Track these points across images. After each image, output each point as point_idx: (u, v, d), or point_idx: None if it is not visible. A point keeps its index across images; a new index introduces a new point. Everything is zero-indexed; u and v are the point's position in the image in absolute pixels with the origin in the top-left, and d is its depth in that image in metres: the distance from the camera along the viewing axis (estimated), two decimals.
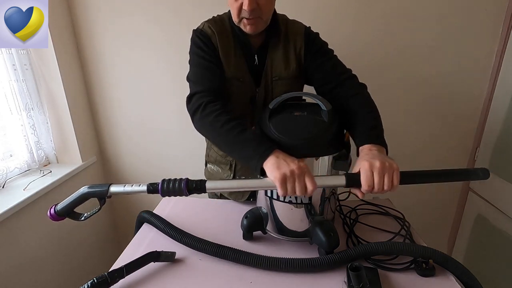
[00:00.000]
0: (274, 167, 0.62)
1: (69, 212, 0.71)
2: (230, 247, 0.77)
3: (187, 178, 0.66)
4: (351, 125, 0.78)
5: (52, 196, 1.33)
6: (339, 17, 1.36)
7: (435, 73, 1.43)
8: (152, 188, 0.66)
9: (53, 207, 0.72)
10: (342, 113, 0.81)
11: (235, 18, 0.85)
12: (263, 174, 0.65)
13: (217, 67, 0.86)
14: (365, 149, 0.70)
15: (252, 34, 0.86)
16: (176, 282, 0.72)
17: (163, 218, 0.90)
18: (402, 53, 1.40)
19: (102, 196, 0.70)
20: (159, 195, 0.68)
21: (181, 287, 0.71)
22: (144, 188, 0.67)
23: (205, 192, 0.67)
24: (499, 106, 1.37)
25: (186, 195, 0.66)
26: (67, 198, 0.71)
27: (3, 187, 1.23)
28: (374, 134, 0.73)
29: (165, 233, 0.86)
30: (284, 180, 0.61)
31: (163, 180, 0.66)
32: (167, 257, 0.77)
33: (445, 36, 1.36)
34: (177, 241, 0.83)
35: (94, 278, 0.65)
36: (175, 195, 0.66)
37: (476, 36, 1.36)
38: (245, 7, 0.79)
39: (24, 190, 1.22)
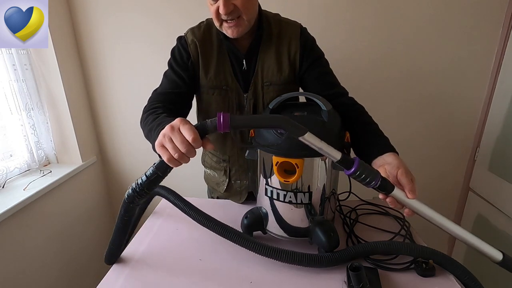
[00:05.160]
0: (157, 140, 0.60)
1: (245, 127, 0.63)
2: (236, 231, 0.74)
3: (381, 176, 0.62)
4: (363, 135, 0.80)
5: (52, 196, 1.33)
6: (335, 17, 1.35)
7: (435, 74, 1.43)
8: (345, 162, 0.61)
9: (228, 115, 0.58)
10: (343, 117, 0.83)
11: (216, 23, 0.82)
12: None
13: (182, 80, 0.87)
14: (393, 155, 0.72)
15: (236, 38, 0.83)
16: (176, 282, 0.72)
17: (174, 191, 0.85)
18: (402, 54, 1.40)
19: (298, 135, 0.60)
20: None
21: (181, 287, 0.71)
22: (338, 156, 0.61)
23: (388, 196, 0.63)
24: (499, 106, 1.37)
25: (369, 187, 0.62)
26: (255, 116, 0.64)
27: (3, 187, 1.23)
28: (391, 145, 0.77)
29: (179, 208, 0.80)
30: (161, 143, 0.58)
31: (361, 162, 0.61)
32: None
33: (445, 36, 1.36)
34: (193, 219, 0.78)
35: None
36: (361, 182, 0.62)
37: (476, 36, 1.36)
38: (220, 10, 0.76)
39: (24, 190, 1.22)
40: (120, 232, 0.73)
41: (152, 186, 0.65)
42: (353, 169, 0.60)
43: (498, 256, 0.67)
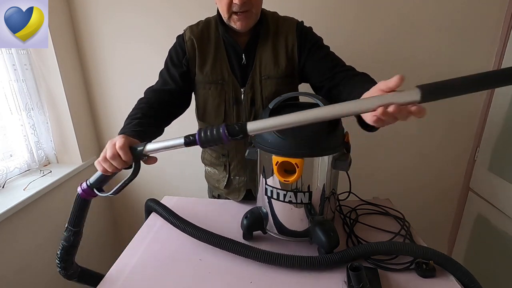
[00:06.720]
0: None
1: (104, 183, 0.71)
2: (234, 240, 0.77)
3: (226, 124, 0.61)
4: (355, 86, 0.73)
5: (52, 196, 1.33)
6: (339, 18, 1.36)
7: (435, 73, 1.43)
8: (189, 140, 0.63)
9: (85, 182, 0.72)
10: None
11: (224, 15, 0.84)
12: None
13: (173, 79, 0.92)
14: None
15: (243, 31, 0.86)
16: (176, 282, 0.72)
17: (168, 208, 0.91)
18: (401, 54, 1.40)
19: (138, 157, 0.67)
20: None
21: (181, 286, 0.71)
22: (181, 141, 0.63)
23: (247, 136, 0.61)
24: (499, 106, 1.37)
25: (227, 142, 0.61)
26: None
27: (3, 187, 1.23)
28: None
29: (170, 223, 0.87)
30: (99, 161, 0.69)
31: (200, 130, 0.63)
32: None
33: (445, 36, 1.36)
34: (182, 231, 0.83)
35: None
36: (216, 144, 0.62)
37: (476, 36, 1.36)
38: (236, 1, 0.78)
39: (24, 190, 1.22)
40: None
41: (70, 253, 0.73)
42: (198, 142, 0.62)
43: (416, 96, 0.55)
